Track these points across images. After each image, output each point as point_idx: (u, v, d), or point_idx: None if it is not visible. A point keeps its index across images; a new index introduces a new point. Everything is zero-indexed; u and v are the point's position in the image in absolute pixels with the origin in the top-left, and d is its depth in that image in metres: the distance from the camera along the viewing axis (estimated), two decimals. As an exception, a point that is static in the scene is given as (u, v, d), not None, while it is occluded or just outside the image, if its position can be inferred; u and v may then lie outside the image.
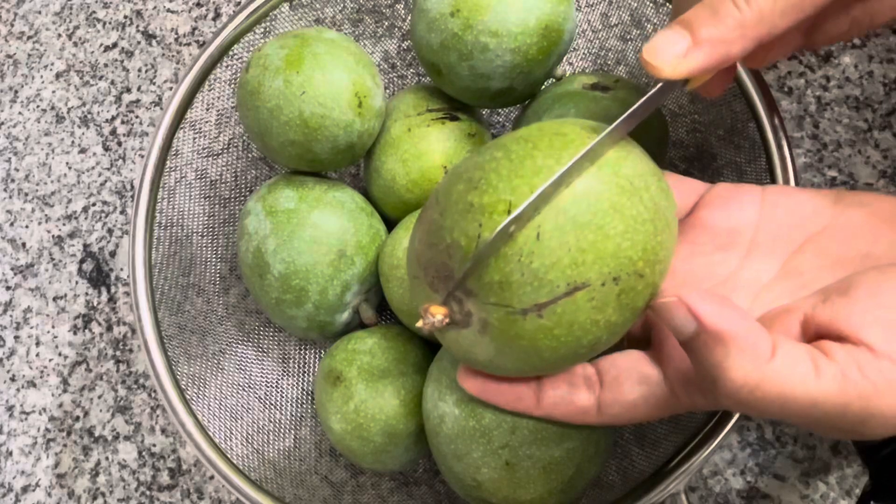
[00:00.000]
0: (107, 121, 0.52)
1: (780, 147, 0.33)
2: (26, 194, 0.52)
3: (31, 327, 0.49)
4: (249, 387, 0.39)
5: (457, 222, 0.22)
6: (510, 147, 0.23)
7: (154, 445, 0.45)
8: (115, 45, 0.53)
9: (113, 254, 0.49)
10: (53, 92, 0.53)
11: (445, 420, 0.30)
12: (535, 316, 0.22)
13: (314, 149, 0.35)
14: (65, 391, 0.47)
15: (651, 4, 0.38)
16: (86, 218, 0.50)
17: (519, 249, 0.21)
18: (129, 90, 0.52)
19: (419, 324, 0.23)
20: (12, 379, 0.48)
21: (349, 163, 0.37)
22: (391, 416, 0.33)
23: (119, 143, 0.51)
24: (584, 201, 0.22)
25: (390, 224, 0.39)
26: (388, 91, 0.44)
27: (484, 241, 0.21)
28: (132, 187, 0.50)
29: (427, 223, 0.24)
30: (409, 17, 0.43)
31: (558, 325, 0.22)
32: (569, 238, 0.21)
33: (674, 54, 0.22)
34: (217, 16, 0.52)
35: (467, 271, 0.22)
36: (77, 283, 0.49)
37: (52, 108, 0.53)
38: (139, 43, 0.53)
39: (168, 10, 0.53)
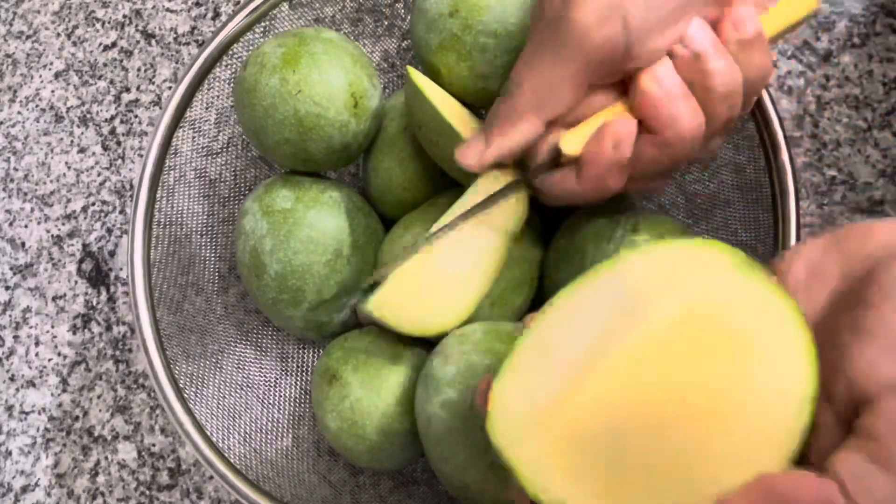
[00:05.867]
0: (106, 120, 0.52)
1: (778, 146, 0.33)
2: (25, 194, 0.52)
3: (31, 327, 0.49)
4: (248, 386, 0.39)
5: None
6: None
7: (153, 445, 0.45)
8: (114, 44, 0.53)
9: (112, 253, 0.49)
10: (52, 91, 0.53)
11: (432, 422, 0.30)
12: None
13: (308, 148, 0.35)
14: (64, 391, 0.47)
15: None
16: (85, 217, 0.50)
17: None
18: (128, 90, 0.52)
19: None
20: (11, 379, 0.48)
21: (345, 163, 0.37)
22: (386, 414, 0.33)
23: (118, 143, 0.51)
24: None
25: (388, 223, 0.39)
26: (387, 91, 0.44)
27: None
28: (131, 187, 0.50)
29: None
30: (409, 17, 0.43)
31: None
32: None
33: (475, 151, 0.30)
34: (216, 15, 0.52)
35: None
36: (76, 282, 0.49)
37: (52, 107, 0.53)
38: (138, 42, 0.53)
39: (167, 10, 0.53)
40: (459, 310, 0.32)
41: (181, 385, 0.35)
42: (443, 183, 0.37)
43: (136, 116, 0.51)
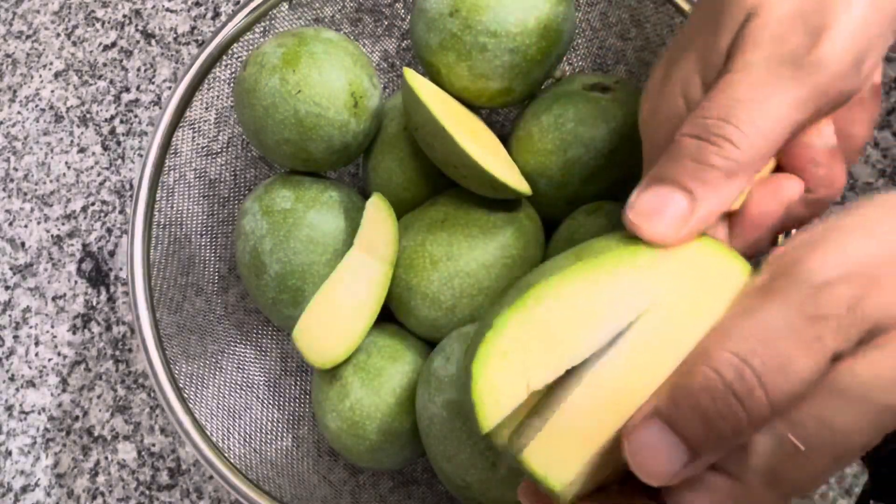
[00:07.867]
0: (106, 120, 0.52)
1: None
2: (25, 194, 0.52)
3: (31, 327, 0.49)
4: (248, 386, 0.39)
5: None
6: None
7: (153, 445, 0.45)
8: (113, 44, 0.53)
9: (112, 253, 0.49)
10: (52, 91, 0.53)
11: (434, 421, 0.30)
12: None
13: (309, 148, 0.35)
14: (64, 391, 0.47)
15: (650, 3, 0.37)
16: (85, 217, 0.50)
17: None
18: (128, 89, 0.52)
19: None
20: (11, 379, 0.48)
21: (345, 163, 0.37)
22: (386, 414, 0.33)
23: (118, 143, 0.51)
24: None
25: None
26: (386, 91, 0.44)
27: None
28: (131, 187, 0.50)
29: None
30: (409, 17, 0.43)
31: None
32: None
33: (674, 217, 0.20)
34: (216, 15, 0.52)
35: None
36: (76, 282, 0.49)
37: (51, 107, 0.53)
38: (138, 42, 0.53)
39: (167, 10, 0.53)
40: (351, 340, 0.33)
41: (181, 385, 0.35)
42: (443, 183, 0.37)
43: (135, 116, 0.51)
